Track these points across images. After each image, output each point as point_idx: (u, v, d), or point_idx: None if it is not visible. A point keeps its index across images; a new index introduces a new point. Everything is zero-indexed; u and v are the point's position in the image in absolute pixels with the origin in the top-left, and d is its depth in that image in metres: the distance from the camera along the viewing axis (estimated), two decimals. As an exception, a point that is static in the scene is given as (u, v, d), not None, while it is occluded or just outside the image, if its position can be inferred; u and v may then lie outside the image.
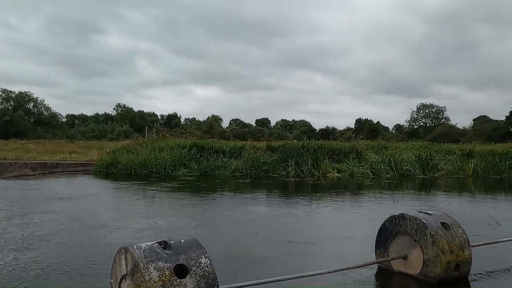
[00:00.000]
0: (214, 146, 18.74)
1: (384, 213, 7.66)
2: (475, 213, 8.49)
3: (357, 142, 20.29)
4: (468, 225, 7.45)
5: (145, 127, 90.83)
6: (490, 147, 20.79)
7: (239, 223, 7.16)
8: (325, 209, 8.85)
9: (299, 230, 6.60)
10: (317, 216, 8.04)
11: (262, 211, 8.38)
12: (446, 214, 4.73)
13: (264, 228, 6.75)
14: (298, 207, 8.97)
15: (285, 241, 5.86)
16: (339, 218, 7.90)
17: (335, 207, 9.07)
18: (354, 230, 6.90)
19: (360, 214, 8.35)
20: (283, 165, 17.37)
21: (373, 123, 75.23)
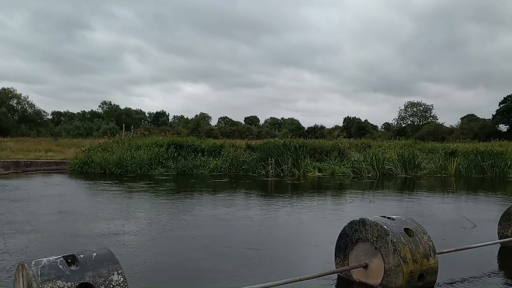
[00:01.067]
0: (193, 144, 18.25)
1: (354, 216, 7.26)
2: (452, 215, 8.15)
3: (340, 141, 19.93)
4: (442, 228, 7.14)
5: (132, 125, 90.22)
6: (474, 146, 20.58)
7: (184, 227, 6.52)
8: (287, 211, 8.32)
9: (244, 235, 6.14)
10: (274, 219, 7.48)
11: (217, 213, 7.80)
12: (411, 219, 4.33)
13: (204, 233, 6.20)
14: (259, 209, 8.49)
15: (223, 247, 5.39)
16: (299, 221, 7.36)
17: (300, 209, 8.61)
18: (312, 234, 6.38)
19: (326, 217, 7.85)
20: (262, 164, 16.95)
21: (361, 121, 75.26)
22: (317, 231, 6.54)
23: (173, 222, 6.84)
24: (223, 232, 6.30)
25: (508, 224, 5.77)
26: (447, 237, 6.19)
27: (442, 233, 6.48)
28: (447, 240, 5.95)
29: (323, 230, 6.49)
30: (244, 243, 5.61)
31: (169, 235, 6.03)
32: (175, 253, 5.19)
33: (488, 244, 5.24)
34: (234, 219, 7.29)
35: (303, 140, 19.74)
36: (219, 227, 6.61)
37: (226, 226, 6.75)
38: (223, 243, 5.62)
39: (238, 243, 5.65)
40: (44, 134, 63.76)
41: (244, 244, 5.54)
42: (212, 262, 4.77)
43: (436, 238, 6.14)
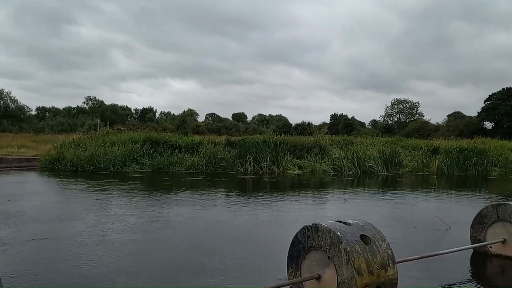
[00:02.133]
0: (170, 140, 17.68)
1: (323, 218, 6.82)
2: (427, 215, 7.74)
3: (321, 137, 19.53)
4: (414, 230, 6.73)
5: (117, 121, 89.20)
6: (457, 143, 20.34)
7: (123, 231, 5.89)
8: (252, 211, 7.77)
9: (190, 239, 5.61)
10: (228, 221, 6.91)
11: (170, 214, 7.22)
12: (369, 224, 3.88)
13: (139, 238, 5.59)
14: (222, 209, 7.95)
15: (150, 255, 4.83)
16: (261, 223, 6.79)
17: (268, 208, 8.11)
18: (269, 240, 5.81)
19: (293, 217, 7.38)
20: (241, 162, 16.47)
21: (348, 118, 75.18)
22: (274, 236, 5.97)
23: (114, 225, 6.27)
24: (165, 234, 5.76)
25: (481, 227, 5.37)
26: (416, 241, 5.79)
27: (412, 236, 6.09)
28: (415, 245, 5.55)
29: (281, 235, 6.02)
30: (176, 251, 5.04)
31: (99, 239, 5.44)
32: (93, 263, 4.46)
33: (458, 250, 4.82)
34: (184, 221, 6.75)
35: (284, 136, 19.30)
36: (164, 230, 6.02)
37: (171, 228, 6.16)
38: (155, 250, 5.03)
39: (169, 251, 5.10)
40: (27, 130, 62.57)
41: (173, 254, 4.98)
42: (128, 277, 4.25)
43: (404, 241, 5.75)
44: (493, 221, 5.28)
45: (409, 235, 6.14)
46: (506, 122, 57.56)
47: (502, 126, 58.25)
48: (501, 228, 5.22)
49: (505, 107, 56.64)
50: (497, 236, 5.24)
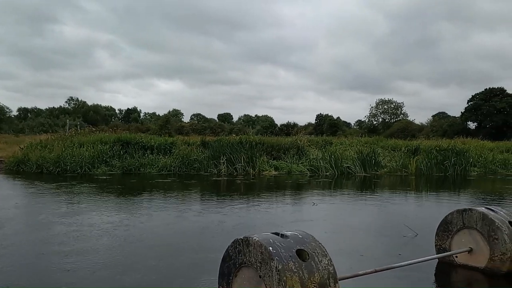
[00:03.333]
0: (141, 141, 17.05)
1: (283, 224, 6.49)
2: (396, 219, 7.31)
3: (299, 138, 19.08)
4: (378, 237, 6.26)
5: (100, 121, 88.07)
6: (436, 144, 20.07)
7: (46, 241, 5.34)
8: (203, 215, 7.21)
9: (102, 248, 5.02)
10: (172, 226, 6.31)
11: (112, 220, 6.55)
12: (310, 236, 3.38)
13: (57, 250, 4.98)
14: (168, 214, 7.29)
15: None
16: (205, 229, 6.16)
17: (223, 212, 7.59)
18: (205, 250, 5.08)
19: (247, 223, 6.85)
20: (214, 163, 15.92)
21: (333, 118, 75.11)
22: (213, 246, 5.16)
23: (42, 233, 5.69)
24: (83, 246, 5.13)
25: (447, 235, 4.93)
26: (378, 250, 5.32)
27: (374, 244, 5.62)
28: (375, 254, 5.08)
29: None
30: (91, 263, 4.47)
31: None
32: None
33: (418, 262, 4.35)
34: (123, 227, 6.15)
35: (260, 137, 18.81)
36: (88, 240, 5.39)
37: (97, 237, 5.53)
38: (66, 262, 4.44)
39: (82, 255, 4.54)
40: (6, 130, 61.18)
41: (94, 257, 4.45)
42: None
43: (364, 250, 5.27)
44: (459, 228, 4.84)
45: (371, 243, 5.67)
46: (488, 122, 57.99)
47: (485, 126, 58.68)
48: (467, 236, 4.78)
49: (488, 107, 57.04)
50: (463, 245, 4.80)
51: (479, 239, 4.67)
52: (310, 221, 6.97)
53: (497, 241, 4.48)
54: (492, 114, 56.96)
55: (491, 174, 17.83)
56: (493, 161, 18.95)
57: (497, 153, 20.60)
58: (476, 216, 4.67)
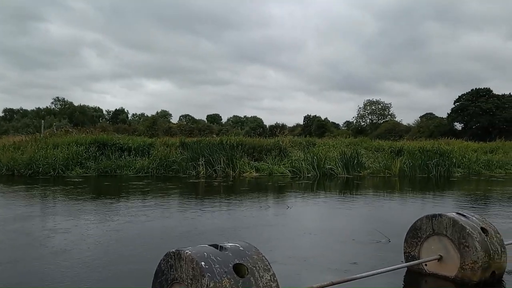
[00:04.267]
0: (118, 142, 16.57)
1: (234, 231, 5.87)
2: (371, 223, 6.98)
3: (281, 139, 18.75)
4: (347, 243, 5.89)
5: (86, 123, 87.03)
6: (420, 144, 19.87)
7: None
8: (155, 220, 6.72)
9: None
10: (115, 233, 5.75)
11: (54, 227, 6.01)
12: (253, 248, 3.00)
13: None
14: (124, 218, 6.78)
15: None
16: (147, 236, 5.66)
17: (180, 217, 7.16)
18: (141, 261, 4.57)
19: (204, 228, 6.42)
20: (193, 164, 15.51)
21: (321, 119, 75.03)
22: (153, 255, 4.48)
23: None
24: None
25: (416, 241, 4.59)
26: (339, 258, 4.94)
27: (336, 252, 5.24)
28: (333, 264, 4.70)
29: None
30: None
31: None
32: None
33: (383, 272, 4.01)
34: (61, 234, 5.65)
35: (241, 138, 18.46)
36: (15, 250, 4.91)
37: (25, 247, 5.03)
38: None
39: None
40: (-10, 132, 60.10)
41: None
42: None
43: (323, 259, 4.88)
44: (428, 234, 4.50)
45: (335, 250, 5.30)
46: (475, 123, 58.30)
47: (471, 127, 58.99)
48: (437, 243, 4.45)
49: (474, 108, 57.33)
50: (432, 252, 4.47)
51: (449, 247, 4.34)
52: (269, 226, 6.55)
53: (468, 249, 4.15)
54: (478, 115, 57.26)
55: (474, 175, 17.66)
56: (477, 162, 18.79)
57: (481, 154, 20.48)
58: (446, 222, 4.34)
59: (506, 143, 24.20)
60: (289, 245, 5.32)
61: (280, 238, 5.69)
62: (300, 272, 4.27)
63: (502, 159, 19.75)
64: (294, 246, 5.32)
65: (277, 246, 5.24)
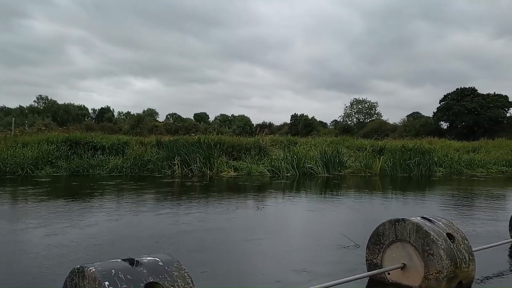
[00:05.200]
0: (92, 141, 16.02)
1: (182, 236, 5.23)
2: (341, 226, 6.61)
3: (261, 137, 18.37)
4: (314, 249, 5.51)
5: (70, 121, 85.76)
6: (402, 143, 19.65)
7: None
8: (97, 226, 6.12)
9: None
10: (45, 240, 5.18)
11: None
12: (176, 262, 2.59)
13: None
14: (69, 222, 6.17)
15: None
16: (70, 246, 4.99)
17: (127, 221, 6.70)
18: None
19: (141, 233, 5.99)
20: (168, 164, 15.04)
21: (308, 118, 74.89)
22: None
23: None
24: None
25: (378, 248, 4.22)
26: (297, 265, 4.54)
27: (305, 258, 4.85)
28: (286, 273, 4.30)
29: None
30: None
31: None
32: None
33: (342, 282, 3.62)
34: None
35: (220, 136, 18.04)
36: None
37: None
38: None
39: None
40: (-30, 130, 58.73)
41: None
42: None
43: (275, 266, 4.44)
44: (391, 241, 4.13)
45: (294, 257, 4.90)
46: (460, 122, 58.65)
47: (456, 126, 59.34)
48: (400, 250, 4.08)
49: (459, 107, 57.63)
50: (395, 260, 4.10)
51: (413, 254, 3.97)
52: (219, 230, 6.04)
53: (432, 257, 3.79)
54: (463, 114, 57.59)
55: (456, 174, 17.48)
56: (459, 161, 18.63)
57: (463, 153, 20.34)
58: (409, 228, 3.98)
59: (488, 142, 24.16)
60: (230, 254, 4.80)
61: (221, 245, 5.18)
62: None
63: (484, 158, 19.63)
64: (235, 255, 4.82)
65: (212, 256, 4.62)
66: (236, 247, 5.18)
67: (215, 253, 4.74)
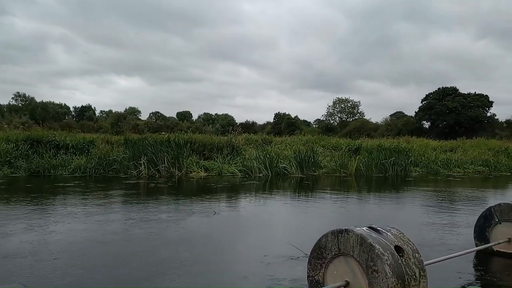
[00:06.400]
0: (54, 139, 15.27)
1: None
2: (298, 236, 6.11)
3: (234, 137, 17.82)
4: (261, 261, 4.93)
5: (49, 119, 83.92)
6: (379, 142, 19.30)
7: None
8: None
9: None
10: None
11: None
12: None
13: None
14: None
15: None
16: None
17: (51, 230, 6.19)
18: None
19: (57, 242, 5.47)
20: (134, 164, 14.39)
21: (291, 117, 74.60)
22: None
23: None
24: None
25: (320, 263, 3.72)
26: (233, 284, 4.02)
27: (241, 274, 4.33)
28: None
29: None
30: None
31: None
32: None
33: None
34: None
35: (191, 135, 17.44)
36: None
37: None
38: None
39: None
40: None
41: None
42: None
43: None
44: (334, 255, 3.63)
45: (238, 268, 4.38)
46: (441, 122, 58.93)
47: (437, 126, 59.61)
48: (343, 265, 3.58)
49: (440, 106, 57.90)
50: (338, 278, 3.60)
51: (356, 271, 3.47)
52: (145, 240, 5.59)
53: (377, 274, 3.29)
54: (444, 114, 57.86)
55: (432, 174, 17.18)
56: (436, 161, 18.34)
57: (440, 152, 20.08)
58: (353, 240, 3.48)
59: (466, 142, 24.01)
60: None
61: (120, 265, 4.67)
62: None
63: (461, 158, 19.39)
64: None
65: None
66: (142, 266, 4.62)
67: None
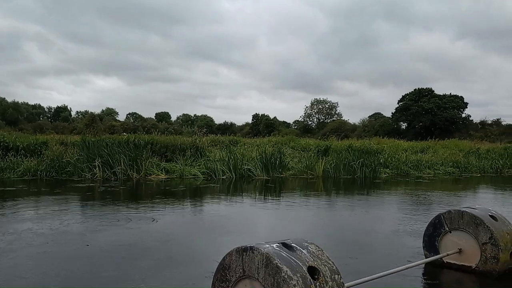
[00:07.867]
0: (3, 140, 14.38)
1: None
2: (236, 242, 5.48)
3: (199, 137, 17.17)
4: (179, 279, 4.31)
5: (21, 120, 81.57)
6: (348, 143, 18.90)
7: None
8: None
9: None
10: None
11: None
12: None
13: None
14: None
15: None
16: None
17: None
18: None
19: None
20: (89, 166, 13.61)
21: (269, 118, 74.24)
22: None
23: None
24: None
25: (224, 287, 3.12)
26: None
27: None
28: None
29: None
30: None
31: None
32: None
33: None
34: None
35: (152, 136, 16.72)
36: None
37: None
38: None
39: None
40: None
41: None
42: None
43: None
44: (239, 277, 3.04)
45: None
46: (417, 123, 59.28)
47: (414, 127, 59.98)
48: None
49: (416, 107, 58.25)
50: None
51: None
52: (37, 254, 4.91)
53: (284, 302, 2.73)
54: (420, 115, 58.26)
55: (402, 176, 16.82)
56: (406, 162, 18.01)
57: (411, 153, 19.81)
58: (258, 260, 2.89)
59: (438, 142, 23.85)
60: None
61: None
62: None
63: (432, 159, 19.13)
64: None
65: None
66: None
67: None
